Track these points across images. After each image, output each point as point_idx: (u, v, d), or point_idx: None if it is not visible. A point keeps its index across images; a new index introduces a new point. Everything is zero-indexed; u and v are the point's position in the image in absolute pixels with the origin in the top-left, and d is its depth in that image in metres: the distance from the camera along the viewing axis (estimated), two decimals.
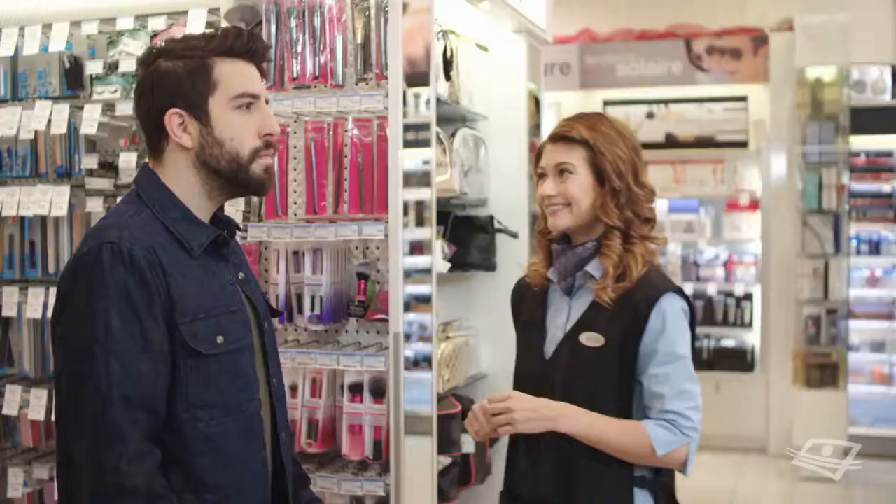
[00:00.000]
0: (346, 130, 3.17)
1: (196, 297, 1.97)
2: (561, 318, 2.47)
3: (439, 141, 3.66)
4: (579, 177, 2.41)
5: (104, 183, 3.63)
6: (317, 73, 3.18)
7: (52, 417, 3.35)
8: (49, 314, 3.40)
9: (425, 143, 3.20)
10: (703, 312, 8.28)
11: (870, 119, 7.85)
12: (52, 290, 3.49)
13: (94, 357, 1.86)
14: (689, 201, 8.68)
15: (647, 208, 2.47)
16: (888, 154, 8.19)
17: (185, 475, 1.95)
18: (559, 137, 2.46)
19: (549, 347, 2.46)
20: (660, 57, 8.64)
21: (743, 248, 8.61)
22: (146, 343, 1.89)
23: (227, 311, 2.03)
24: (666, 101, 8.76)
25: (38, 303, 3.57)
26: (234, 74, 2.04)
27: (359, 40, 3.14)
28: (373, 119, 3.13)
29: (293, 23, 3.20)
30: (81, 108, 3.58)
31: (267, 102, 2.11)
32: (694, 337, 2.46)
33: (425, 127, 3.21)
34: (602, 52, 8.79)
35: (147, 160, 2.13)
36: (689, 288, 8.42)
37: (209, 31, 2.53)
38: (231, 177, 2.05)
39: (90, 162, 3.64)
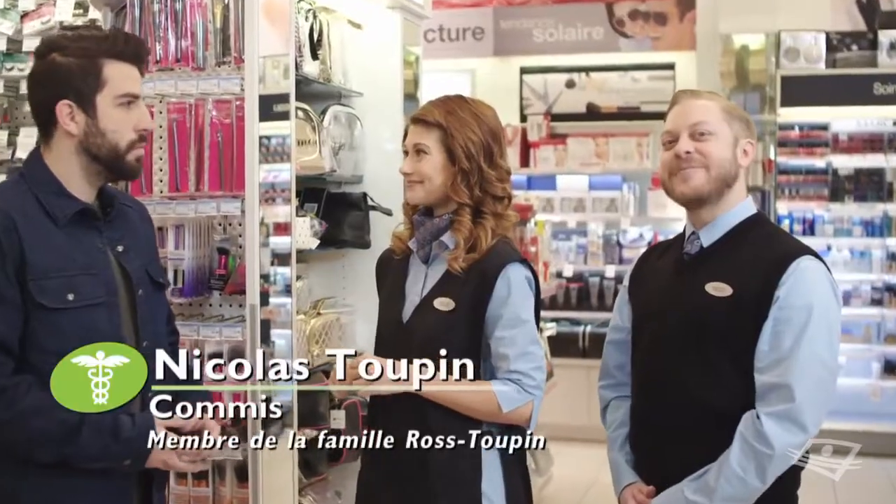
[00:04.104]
0: (206, 111, 3.75)
1: (51, 258, 2.60)
2: (418, 285, 3.07)
3: (308, 119, 4.15)
4: (432, 157, 3.02)
5: None
6: (178, 56, 3.76)
7: None
8: None
9: (284, 117, 3.72)
10: None
11: (803, 89, 8.23)
12: None
13: None
14: (612, 177, 8.96)
15: (499, 188, 3.05)
16: (823, 127, 8.50)
17: None
18: (418, 120, 3.08)
19: (407, 312, 3.05)
20: (580, 22, 8.95)
21: (669, 228, 8.76)
22: None
23: (85, 273, 2.66)
24: (587, 69, 9.05)
25: None
26: (120, 76, 2.71)
27: (218, 24, 3.74)
28: (232, 100, 3.71)
29: (156, 7, 3.74)
30: None
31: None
32: (538, 304, 3.07)
33: (284, 99, 3.70)
34: (518, 16, 9.05)
35: (39, 145, 2.78)
36: (611, 270, 8.92)
37: (100, 32, 3.10)
38: (109, 163, 2.73)
39: None
